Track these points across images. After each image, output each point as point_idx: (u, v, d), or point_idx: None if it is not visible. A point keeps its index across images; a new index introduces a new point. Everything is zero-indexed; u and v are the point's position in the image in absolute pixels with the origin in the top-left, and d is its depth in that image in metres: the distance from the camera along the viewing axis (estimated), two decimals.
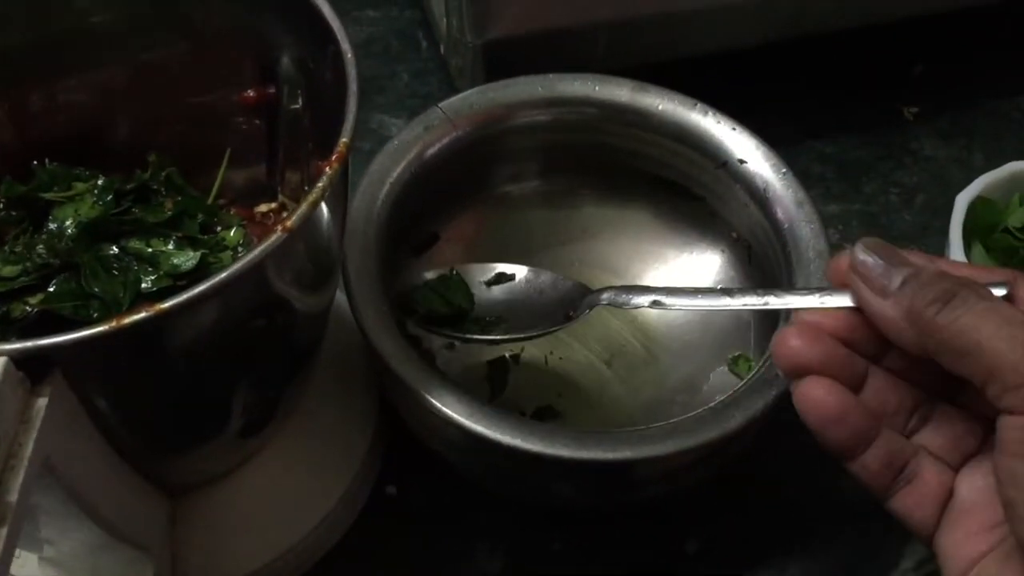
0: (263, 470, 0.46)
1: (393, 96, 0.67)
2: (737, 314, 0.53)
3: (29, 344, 0.29)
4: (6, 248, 0.39)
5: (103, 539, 0.37)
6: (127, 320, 0.29)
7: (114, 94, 0.45)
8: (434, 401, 0.43)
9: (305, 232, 0.34)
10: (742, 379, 0.50)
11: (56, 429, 0.30)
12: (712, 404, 0.45)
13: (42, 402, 0.29)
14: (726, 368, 0.52)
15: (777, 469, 0.51)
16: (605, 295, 0.44)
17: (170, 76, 0.44)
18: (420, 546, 0.49)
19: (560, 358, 0.53)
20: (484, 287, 0.48)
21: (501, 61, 0.57)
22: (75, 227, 0.38)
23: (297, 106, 0.43)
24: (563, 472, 0.45)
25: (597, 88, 0.52)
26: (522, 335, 0.47)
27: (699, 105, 0.51)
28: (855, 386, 0.36)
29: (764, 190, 0.49)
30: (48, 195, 0.39)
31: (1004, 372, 0.31)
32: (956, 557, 0.34)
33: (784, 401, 0.43)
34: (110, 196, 0.39)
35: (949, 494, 0.35)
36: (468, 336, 0.48)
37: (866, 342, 0.36)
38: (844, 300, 0.36)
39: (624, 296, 0.43)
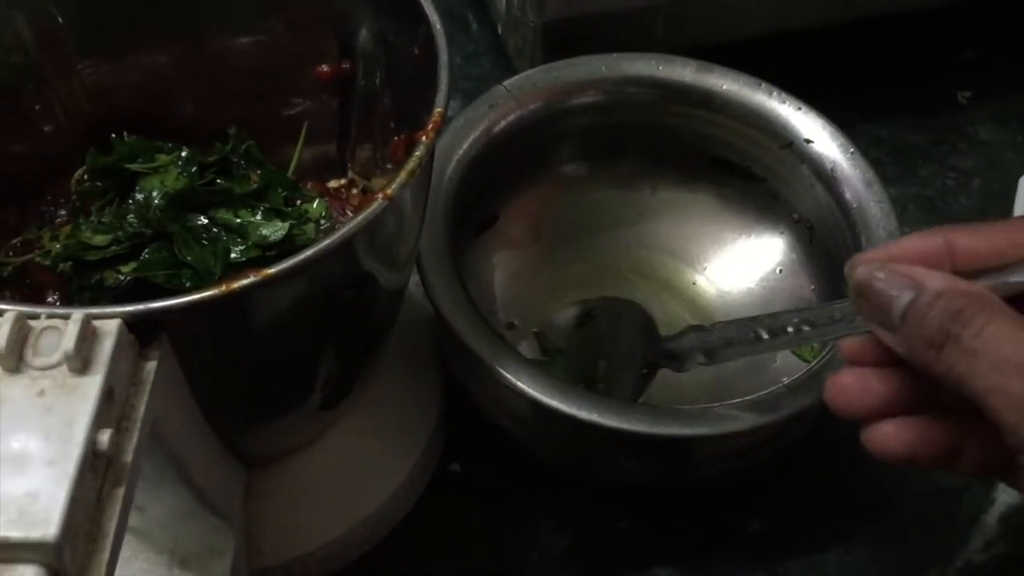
0: (333, 446, 0.46)
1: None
2: (799, 294, 0.53)
3: (141, 307, 0.29)
4: (93, 218, 0.39)
5: (190, 507, 0.38)
6: (236, 285, 0.29)
7: (189, 68, 0.45)
8: (509, 376, 0.43)
9: (400, 202, 0.34)
10: (805, 361, 0.50)
11: (162, 393, 0.30)
12: (784, 383, 0.45)
13: (151, 365, 0.30)
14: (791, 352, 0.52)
15: (843, 449, 0.51)
16: (664, 361, 0.46)
17: (246, 51, 0.45)
18: (484, 523, 0.49)
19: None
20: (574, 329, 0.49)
21: (560, 41, 0.57)
22: (163, 198, 0.38)
23: (374, 81, 0.43)
24: (634, 448, 0.46)
25: (660, 68, 0.52)
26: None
27: (764, 85, 0.51)
28: (927, 400, 0.34)
29: (832, 170, 0.49)
30: (133, 166, 0.39)
31: (1007, 432, 0.30)
32: None
33: None
34: (194, 168, 0.40)
35: None
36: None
37: None
38: None
39: (680, 359, 0.45)
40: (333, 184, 0.47)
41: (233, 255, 0.37)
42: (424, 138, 0.34)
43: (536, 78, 0.52)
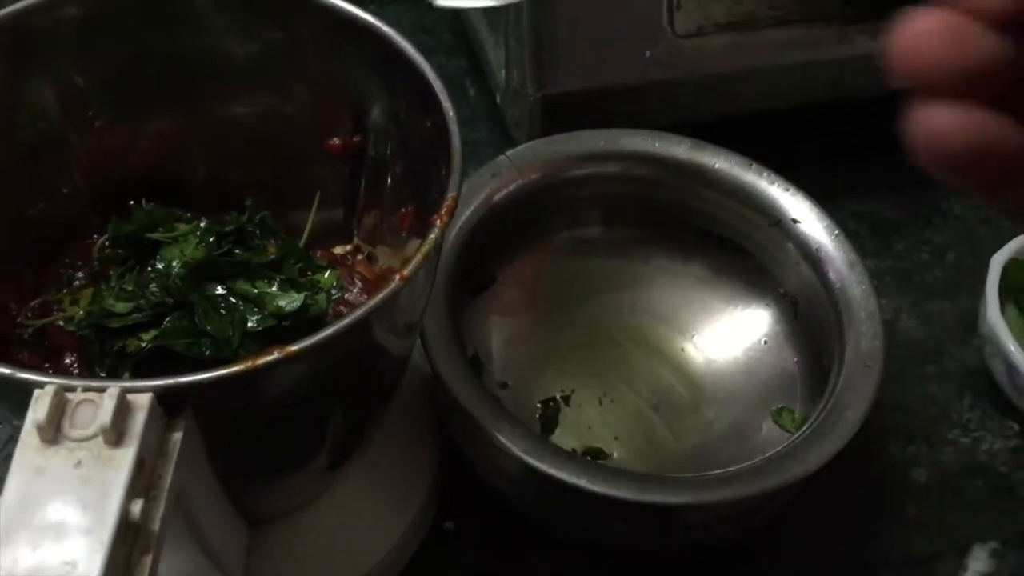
0: (332, 505, 0.47)
1: None
2: (783, 367, 0.55)
3: (172, 381, 0.30)
4: (114, 285, 0.40)
5: (198, 566, 0.39)
6: (261, 361, 0.31)
7: (204, 136, 0.47)
8: (502, 439, 0.45)
9: (416, 280, 0.36)
10: (788, 432, 0.52)
11: (186, 461, 0.32)
12: (755, 460, 0.47)
13: (178, 436, 0.31)
14: (772, 421, 0.54)
15: (822, 515, 0.53)
16: None
17: (261, 120, 0.46)
18: None
19: (611, 401, 0.55)
20: None
21: (557, 113, 0.60)
22: (183, 267, 0.39)
23: (384, 154, 0.45)
24: (621, 513, 0.47)
25: (656, 144, 0.55)
26: None
27: (755, 165, 0.54)
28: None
29: (816, 250, 0.52)
30: (155, 235, 0.41)
31: None
32: None
33: (836, 458, 0.46)
34: (212, 238, 0.41)
35: None
36: None
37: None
38: None
39: None
40: (339, 250, 0.49)
41: (250, 324, 0.38)
42: (439, 221, 0.36)
43: (538, 149, 0.54)
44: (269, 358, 0.31)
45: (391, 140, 0.45)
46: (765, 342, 0.55)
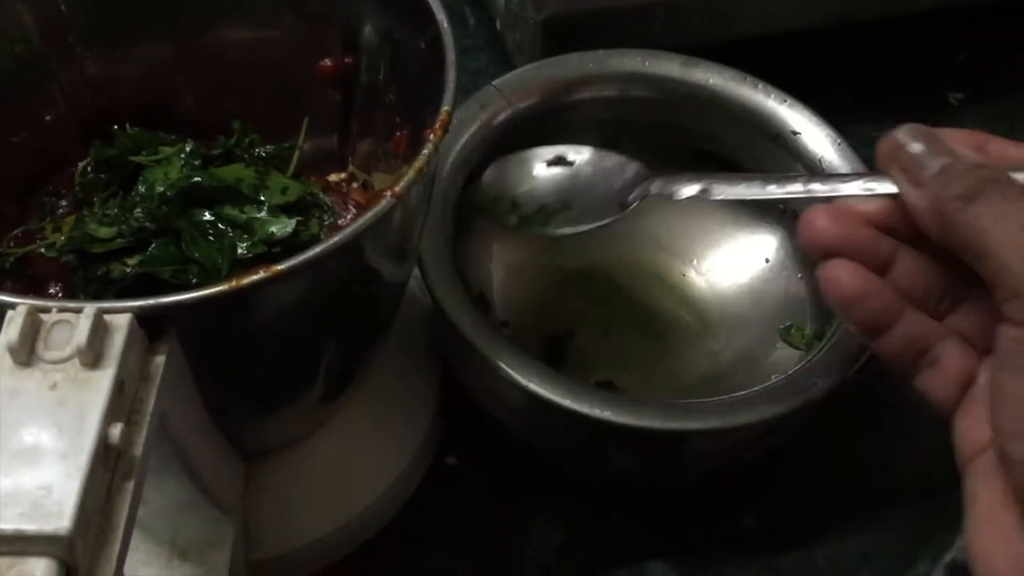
0: (330, 438, 0.46)
1: None
2: (787, 287, 0.54)
3: (152, 302, 0.29)
4: (97, 210, 0.39)
5: (191, 498, 0.38)
6: (246, 280, 0.30)
7: (192, 60, 0.45)
8: (503, 365, 0.43)
9: (407, 199, 0.34)
10: (797, 350, 0.51)
11: (170, 386, 0.30)
12: (774, 380, 0.46)
13: (160, 359, 0.30)
14: (783, 345, 0.52)
15: (836, 445, 0.51)
16: (654, 185, 0.44)
17: (250, 45, 0.45)
18: (480, 516, 0.49)
19: (616, 333, 0.54)
20: (545, 168, 0.48)
21: (560, 37, 0.58)
22: (170, 189, 0.38)
23: (377, 76, 0.44)
24: (627, 441, 0.46)
25: (647, 63, 0.53)
26: (574, 228, 0.46)
27: (750, 79, 0.52)
28: (882, 267, 0.36)
29: (819, 161, 0.50)
30: (137, 158, 0.39)
31: (1007, 279, 0.31)
32: (967, 441, 0.35)
33: (850, 381, 0.44)
34: (198, 161, 0.40)
35: (972, 379, 0.35)
36: (528, 228, 0.47)
37: (907, 226, 0.36)
38: (889, 187, 0.37)
39: (672, 187, 0.43)
40: (334, 178, 0.47)
41: (240, 251, 0.37)
42: (432, 136, 0.34)
43: (526, 76, 0.52)
44: (254, 278, 0.30)
45: (384, 61, 0.43)
46: (767, 261, 0.54)
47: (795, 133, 0.51)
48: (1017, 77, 0.68)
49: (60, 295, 0.38)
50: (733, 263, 0.55)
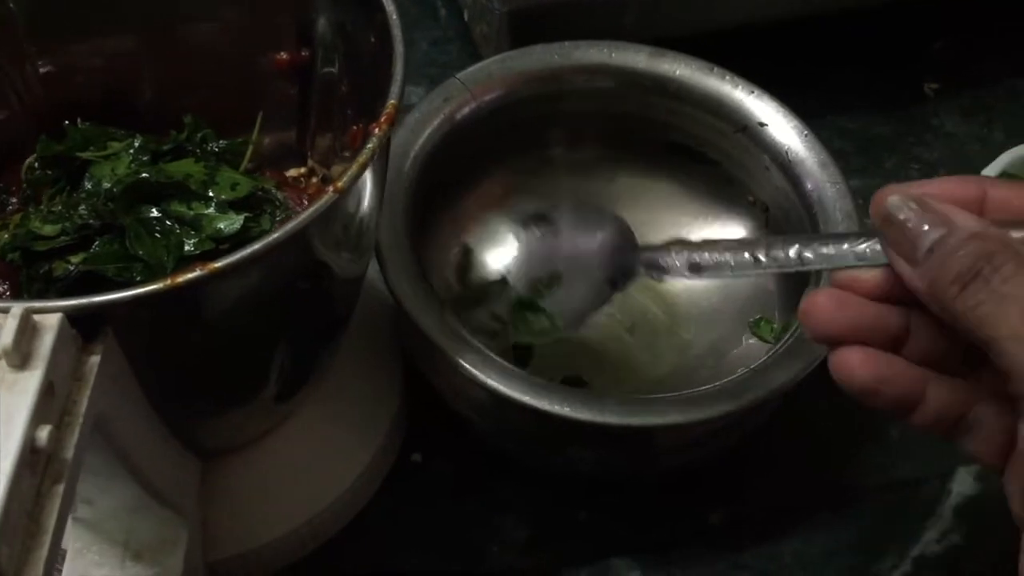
0: (291, 437, 0.46)
1: (411, 65, 0.66)
2: (757, 279, 0.53)
3: (83, 301, 0.28)
4: (43, 207, 0.38)
5: (140, 500, 0.37)
6: (181, 279, 0.29)
7: (147, 55, 0.44)
8: (466, 364, 0.43)
9: (354, 194, 0.33)
10: (766, 343, 0.50)
11: (107, 387, 0.30)
12: (738, 374, 0.45)
13: (95, 360, 0.29)
14: (753, 338, 0.52)
15: (802, 440, 0.51)
16: (642, 268, 0.41)
17: (204, 38, 0.44)
18: (445, 514, 0.49)
19: (584, 327, 0.53)
20: (524, 231, 0.47)
21: (527, 30, 0.57)
22: (116, 187, 0.37)
23: (332, 70, 0.43)
24: (589, 437, 0.46)
25: (613, 55, 0.52)
26: (576, 328, 0.45)
27: (716, 69, 0.52)
28: (896, 342, 0.34)
29: (786, 153, 0.50)
30: (84, 154, 0.39)
31: (1019, 380, 0.29)
32: (1018, 503, 0.32)
33: (811, 372, 0.44)
34: (147, 156, 0.39)
35: (1015, 438, 0.31)
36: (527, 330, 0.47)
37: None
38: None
39: (660, 266, 0.40)
40: (292, 173, 0.46)
41: (187, 248, 0.36)
42: (377, 130, 0.34)
43: (490, 69, 0.51)
44: (190, 276, 0.29)
45: (339, 54, 0.42)
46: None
47: (762, 124, 0.51)
48: (993, 66, 0.67)
49: (8, 294, 0.38)
50: None
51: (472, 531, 0.48)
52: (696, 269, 0.38)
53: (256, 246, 0.30)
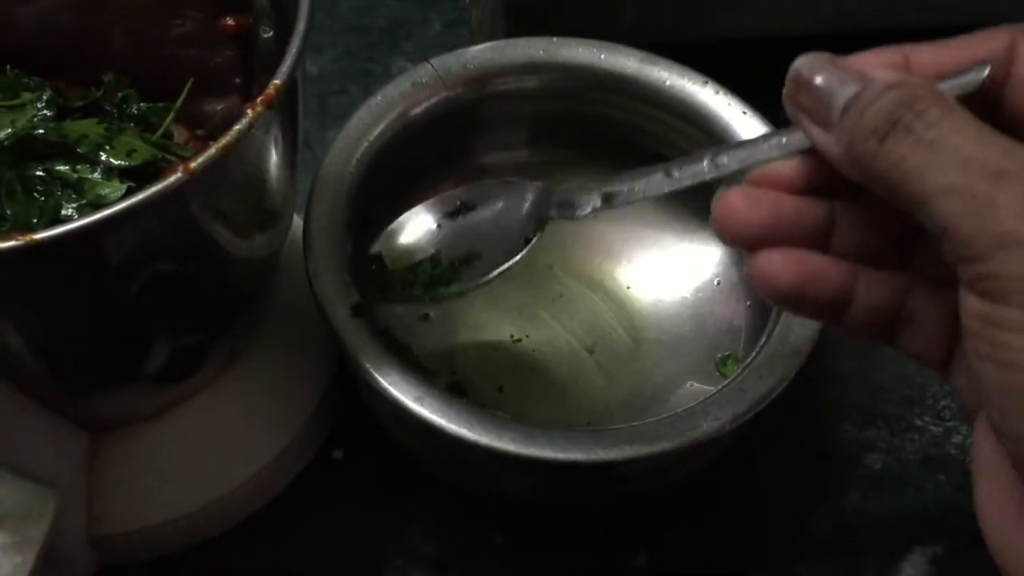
0: (197, 414, 0.44)
1: (420, 43, 0.64)
2: (733, 315, 0.49)
3: None
4: None
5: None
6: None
7: (90, 18, 0.43)
8: (380, 379, 0.40)
9: (221, 174, 0.31)
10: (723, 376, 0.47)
11: None
12: (676, 411, 0.42)
13: None
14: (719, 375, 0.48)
15: (734, 481, 0.47)
16: (553, 209, 0.38)
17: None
18: (356, 517, 0.47)
19: (535, 339, 0.50)
20: (445, 220, 0.43)
21: (524, 20, 0.54)
22: (7, 140, 0.36)
23: (268, 36, 0.41)
24: (508, 467, 0.43)
25: (603, 56, 0.49)
26: (476, 281, 0.42)
27: (710, 83, 0.48)
28: (821, 236, 0.30)
29: None
30: None
31: (956, 240, 0.25)
32: (966, 398, 0.29)
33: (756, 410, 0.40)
34: (52, 111, 0.37)
35: (956, 328, 0.28)
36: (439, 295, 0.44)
37: (838, 175, 0.29)
38: (804, 138, 0.30)
39: (572, 205, 0.37)
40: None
41: (65, 212, 0.35)
42: (249, 111, 0.31)
43: (467, 57, 0.48)
44: (3, 246, 0.27)
45: (271, 21, 0.40)
46: (718, 283, 0.50)
47: None
48: None
49: None
50: (680, 277, 0.51)
51: (379, 541, 0.46)
52: (608, 199, 0.36)
53: (81, 223, 0.28)
